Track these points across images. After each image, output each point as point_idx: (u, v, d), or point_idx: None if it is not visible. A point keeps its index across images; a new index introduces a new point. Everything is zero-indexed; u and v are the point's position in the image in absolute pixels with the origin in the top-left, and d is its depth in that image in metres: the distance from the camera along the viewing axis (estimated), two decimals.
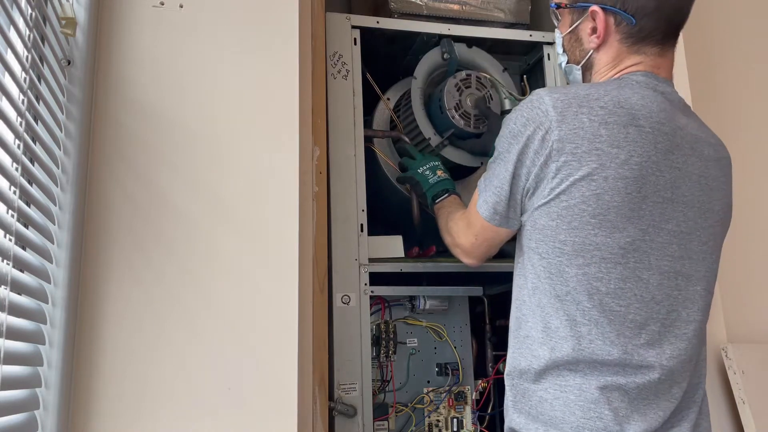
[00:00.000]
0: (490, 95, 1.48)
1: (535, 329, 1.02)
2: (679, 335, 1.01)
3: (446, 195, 1.35)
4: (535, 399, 1.01)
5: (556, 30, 1.20)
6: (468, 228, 1.17)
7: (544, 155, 0.99)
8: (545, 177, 0.99)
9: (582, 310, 0.98)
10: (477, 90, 1.47)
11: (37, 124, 0.87)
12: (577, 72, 1.17)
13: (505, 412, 1.08)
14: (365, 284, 1.34)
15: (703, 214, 1.04)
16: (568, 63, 1.18)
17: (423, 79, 1.51)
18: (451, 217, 1.26)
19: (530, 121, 1.01)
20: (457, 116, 1.43)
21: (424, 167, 1.40)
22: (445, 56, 1.52)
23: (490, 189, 1.08)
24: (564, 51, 1.19)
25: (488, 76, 1.52)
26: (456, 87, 1.46)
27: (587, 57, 1.13)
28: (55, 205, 0.92)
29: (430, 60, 1.52)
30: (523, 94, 1.61)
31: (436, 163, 1.41)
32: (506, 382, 1.08)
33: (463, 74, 1.47)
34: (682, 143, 1.02)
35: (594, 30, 1.10)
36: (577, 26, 1.14)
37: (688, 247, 1.02)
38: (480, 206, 1.10)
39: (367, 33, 1.49)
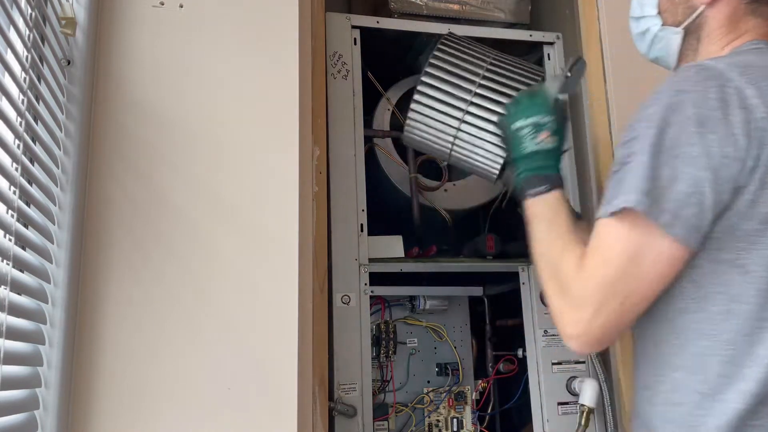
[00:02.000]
0: None
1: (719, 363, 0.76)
2: None
3: (544, 188, 0.96)
4: None
5: None
6: (598, 291, 0.80)
7: (745, 133, 0.74)
8: (757, 164, 0.74)
9: None
10: None
11: (37, 124, 0.87)
12: (674, 36, 0.94)
13: None
14: (365, 284, 1.34)
15: None
16: (663, 25, 0.95)
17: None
18: (565, 251, 0.87)
19: (717, 99, 0.75)
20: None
21: (525, 120, 1.01)
22: (567, 74, 1.08)
23: (672, 199, 0.76)
24: (658, 12, 0.95)
25: None
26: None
27: (694, 16, 0.91)
28: (55, 205, 0.92)
29: None
30: None
31: (547, 118, 1.01)
32: None
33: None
34: None
35: None
36: None
37: None
38: (669, 227, 0.75)
39: (367, 33, 1.49)
